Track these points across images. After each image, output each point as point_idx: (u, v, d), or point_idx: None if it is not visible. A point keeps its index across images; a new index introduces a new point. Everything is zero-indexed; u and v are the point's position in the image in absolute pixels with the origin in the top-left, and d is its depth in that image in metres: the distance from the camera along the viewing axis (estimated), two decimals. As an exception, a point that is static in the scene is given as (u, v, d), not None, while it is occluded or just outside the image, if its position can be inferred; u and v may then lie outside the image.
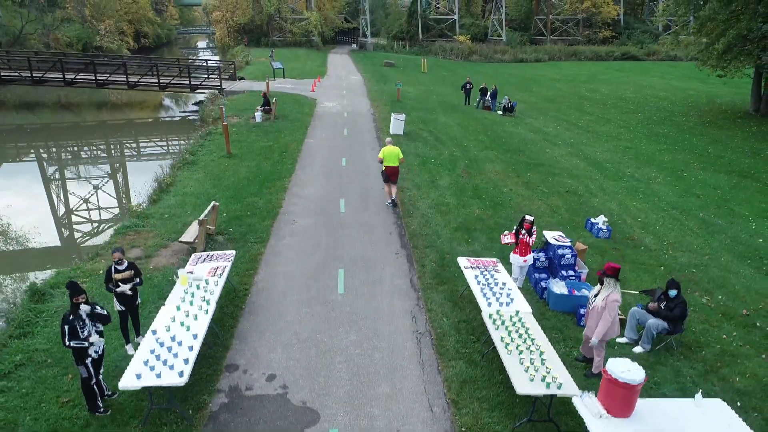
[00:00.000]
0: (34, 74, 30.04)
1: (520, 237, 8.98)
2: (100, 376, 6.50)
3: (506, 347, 6.70)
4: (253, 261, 10.38)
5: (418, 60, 52.56)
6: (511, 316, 7.39)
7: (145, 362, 6.14)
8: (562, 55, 61.21)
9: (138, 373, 5.94)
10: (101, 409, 6.43)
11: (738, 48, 26.03)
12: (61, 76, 30.07)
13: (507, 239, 9.27)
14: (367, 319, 8.53)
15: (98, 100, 35.70)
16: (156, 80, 30.64)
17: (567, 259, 9.52)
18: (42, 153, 24.31)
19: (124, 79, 30.24)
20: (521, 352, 6.60)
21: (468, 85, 30.04)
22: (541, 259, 9.90)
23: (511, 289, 8.17)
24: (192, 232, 10.71)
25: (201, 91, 31.32)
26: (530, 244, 9.04)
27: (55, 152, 24.39)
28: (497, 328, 7.14)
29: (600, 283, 7.13)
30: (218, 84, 31.29)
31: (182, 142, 25.84)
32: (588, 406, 5.63)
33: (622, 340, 8.26)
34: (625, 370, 5.49)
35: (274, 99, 24.06)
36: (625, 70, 52.07)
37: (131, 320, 7.62)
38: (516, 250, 9.16)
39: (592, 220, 12.60)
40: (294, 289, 9.44)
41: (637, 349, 8.03)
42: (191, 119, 30.54)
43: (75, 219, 16.32)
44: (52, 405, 6.56)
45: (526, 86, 39.71)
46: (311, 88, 32.59)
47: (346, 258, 10.65)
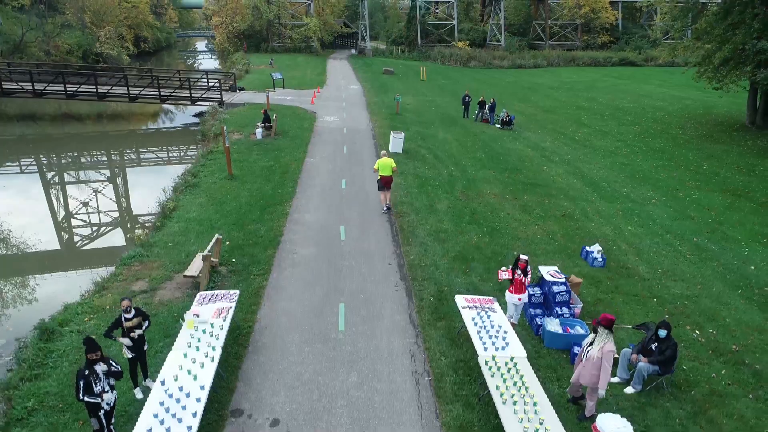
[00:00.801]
0: (36, 87, 30.29)
1: (516, 276, 9.24)
2: (112, 426, 6.77)
3: (501, 396, 6.97)
4: (255, 295, 10.64)
5: (417, 67, 52.87)
6: (507, 362, 7.66)
7: (155, 415, 6.40)
8: (561, 61, 61.52)
9: (149, 428, 6.20)
10: (112, 459, 6.69)
11: (734, 62, 26.33)
12: (63, 88, 30.32)
13: (504, 275, 9.54)
14: (367, 359, 8.80)
15: (99, 109, 35.89)
16: (157, 92, 30.90)
17: (561, 296, 9.79)
18: (43, 161, 24.54)
19: (125, 91, 30.50)
20: (516, 402, 6.87)
21: (467, 98, 30.31)
22: (536, 294, 10.18)
23: (506, 332, 8.44)
24: (196, 266, 10.97)
25: (201, 103, 31.55)
26: (525, 283, 9.30)
27: (56, 162, 24.63)
28: (493, 375, 7.41)
29: (594, 332, 7.39)
30: (218, 96, 31.53)
31: (183, 154, 26.13)
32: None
33: (614, 379, 8.53)
34: (615, 428, 5.76)
35: (274, 116, 24.31)
36: (624, 77, 52.40)
37: (139, 364, 7.88)
38: (511, 288, 9.42)
39: (588, 248, 12.87)
40: (296, 326, 9.70)
41: (629, 390, 8.30)
42: (192, 129, 30.87)
43: (83, 232, 16.58)
44: (64, 454, 6.82)
45: (524, 96, 39.98)
46: (311, 100, 32.84)
47: (346, 291, 10.92)
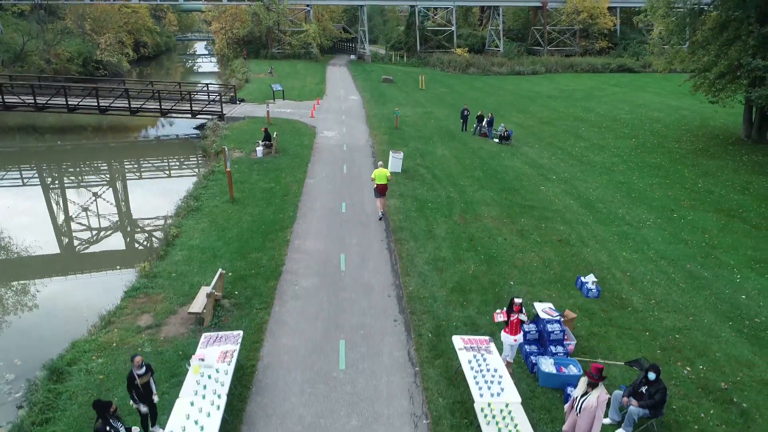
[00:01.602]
0: (38, 101, 30.56)
1: (511, 318, 9.52)
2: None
3: (496, 445, 7.26)
4: (258, 331, 10.92)
5: (416, 74, 53.11)
6: (502, 409, 7.95)
7: (164, 470, 6.69)
8: (559, 67, 61.79)
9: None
10: None
11: (729, 76, 26.62)
12: (64, 102, 30.60)
13: (499, 317, 9.81)
14: (367, 400, 9.08)
15: (100, 117, 36.12)
16: (158, 105, 31.17)
17: (555, 334, 10.07)
18: (45, 174, 24.82)
19: (127, 105, 30.77)
20: (510, 451, 7.16)
21: (465, 112, 30.60)
22: (531, 331, 10.46)
23: (502, 376, 8.73)
24: (200, 303, 11.24)
25: (202, 116, 31.81)
26: (520, 324, 9.57)
27: (57, 177, 24.92)
28: (488, 423, 7.70)
29: (590, 386, 7.56)
30: (219, 109, 31.79)
31: (184, 167, 26.40)
32: None
33: (606, 420, 8.82)
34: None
35: (275, 133, 24.58)
36: (622, 84, 52.69)
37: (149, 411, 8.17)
38: (507, 330, 9.70)
39: (582, 278, 13.15)
40: (298, 364, 9.98)
41: (620, 432, 8.60)
42: (192, 139, 31.27)
43: (88, 252, 16.85)
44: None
45: (523, 106, 40.26)
46: (311, 112, 33.11)
47: (346, 326, 11.21)
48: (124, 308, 11.95)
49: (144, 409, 7.88)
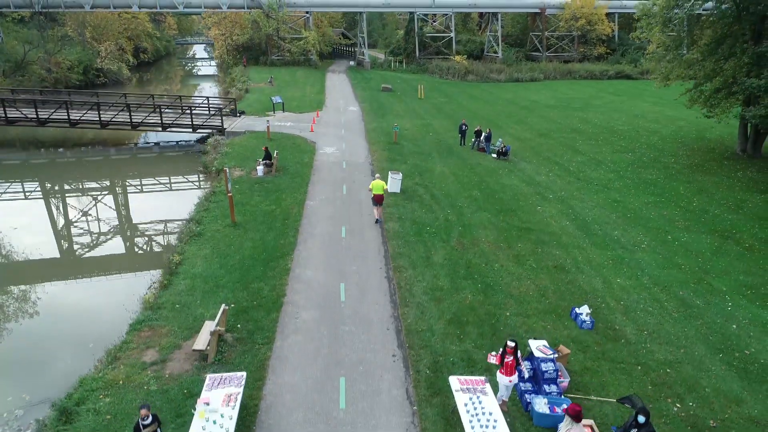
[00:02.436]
0: (40, 116, 30.87)
1: (505, 360, 9.84)
2: None
3: (490, 494, 7.57)
4: (261, 368, 11.23)
5: (416, 82, 53.44)
6: (496, 455, 8.27)
7: None
8: (557, 74, 62.12)
9: None
10: None
11: (724, 92, 26.91)
12: (66, 116, 30.90)
13: (492, 360, 10.14)
14: (367, 442, 9.41)
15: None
16: (159, 120, 31.45)
17: (549, 374, 10.39)
18: (51, 198, 25.14)
19: (128, 120, 31.06)
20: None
21: (464, 126, 30.91)
22: (527, 370, 10.76)
23: (497, 420, 9.05)
24: (204, 340, 11.55)
25: (202, 130, 32.10)
26: (515, 366, 9.89)
27: (59, 191, 25.24)
28: (483, 471, 8.02)
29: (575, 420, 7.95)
30: (219, 123, 32.09)
31: (185, 185, 26.69)
32: None
33: (597, 461, 9.14)
34: None
35: (275, 152, 24.88)
36: (619, 92, 53.00)
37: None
38: (502, 370, 10.01)
39: (577, 309, 13.46)
40: (299, 403, 10.30)
41: (611, 474, 8.91)
42: (194, 152, 31.62)
43: (92, 271, 17.16)
44: None
45: (521, 117, 40.57)
46: (310, 126, 33.40)
47: (346, 362, 11.52)
48: (129, 342, 12.25)
49: None
